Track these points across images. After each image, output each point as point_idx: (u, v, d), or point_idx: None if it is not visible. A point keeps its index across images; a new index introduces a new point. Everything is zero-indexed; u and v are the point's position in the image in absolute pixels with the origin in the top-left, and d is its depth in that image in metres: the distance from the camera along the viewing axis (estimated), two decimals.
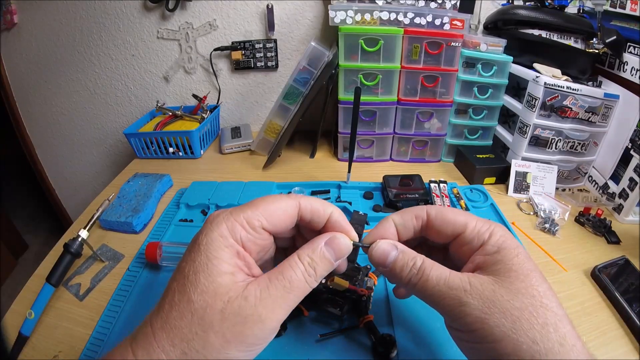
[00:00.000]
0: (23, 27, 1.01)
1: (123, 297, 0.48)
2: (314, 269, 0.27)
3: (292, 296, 0.25)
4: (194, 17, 0.96)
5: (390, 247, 0.30)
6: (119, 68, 1.05)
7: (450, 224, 0.30)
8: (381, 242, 0.30)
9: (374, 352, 0.39)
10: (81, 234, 0.52)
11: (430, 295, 0.27)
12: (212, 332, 0.23)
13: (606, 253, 0.57)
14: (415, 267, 0.28)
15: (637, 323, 0.44)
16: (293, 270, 0.26)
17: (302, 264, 0.26)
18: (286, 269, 0.26)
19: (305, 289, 0.26)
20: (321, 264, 0.27)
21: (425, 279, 0.27)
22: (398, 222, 0.32)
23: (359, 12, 0.72)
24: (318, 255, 0.27)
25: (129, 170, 0.84)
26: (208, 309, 0.23)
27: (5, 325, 0.45)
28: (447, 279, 0.27)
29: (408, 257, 0.29)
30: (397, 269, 0.29)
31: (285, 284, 0.25)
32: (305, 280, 0.26)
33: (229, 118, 1.10)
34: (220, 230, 0.26)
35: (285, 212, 0.29)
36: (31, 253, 1.72)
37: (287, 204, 0.29)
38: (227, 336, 0.23)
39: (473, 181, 0.76)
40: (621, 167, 0.68)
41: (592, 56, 0.73)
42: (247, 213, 0.27)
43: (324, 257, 0.27)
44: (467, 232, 0.29)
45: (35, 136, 1.23)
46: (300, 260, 0.27)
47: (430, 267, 0.28)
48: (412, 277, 0.28)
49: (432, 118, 0.82)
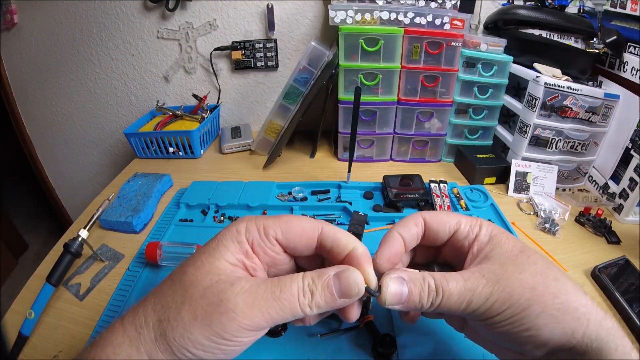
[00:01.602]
0: (23, 27, 1.01)
1: (123, 297, 0.48)
2: (310, 293, 0.25)
3: (278, 305, 0.24)
4: (194, 17, 0.96)
5: (399, 282, 0.27)
6: (119, 68, 1.05)
7: (445, 222, 0.31)
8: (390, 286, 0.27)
9: (374, 352, 0.39)
10: (81, 234, 0.52)
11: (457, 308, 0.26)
12: (188, 305, 0.23)
13: (606, 253, 0.57)
14: (432, 289, 0.27)
15: (637, 323, 0.44)
16: (290, 281, 0.25)
17: (302, 282, 0.25)
18: (285, 278, 0.25)
19: (294, 307, 0.24)
20: (321, 292, 0.25)
21: (447, 295, 0.26)
22: (404, 233, 0.31)
23: (359, 11, 0.72)
24: (322, 282, 0.25)
25: (129, 170, 0.84)
26: (195, 282, 0.24)
27: (5, 325, 0.45)
28: (465, 285, 0.26)
29: (419, 282, 0.27)
30: (415, 300, 0.27)
31: (275, 290, 0.24)
32: (298, 298, 0.24)
33: (229, 118, 1.10)
34: (238, 227, 0.27)
35: (304, 230, 0.28)
36: (31, 253, 1.72)
37: (309, 225, 0.28)
38: (198, 313, 0.23)
39: (473, 181, 0.76)
40: (621, 167, 0.68)
41: (593, 56, 0.73)
42: (267, 221, 0.28)
43: (326, 287, 0.25)
44: (461, 228, 0.31)
45: (35, 136, 1.23)
46: (302, 277, 0.25)
47: (445, 281, 0.27)
48: (433, 300, 0.27)
49: (432, 118, 0.82)
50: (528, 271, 0.26)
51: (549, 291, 0.25)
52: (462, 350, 0.39)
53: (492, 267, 0.27)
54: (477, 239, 0.30)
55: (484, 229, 0.30)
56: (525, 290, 0.25)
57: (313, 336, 0.41)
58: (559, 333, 0.24)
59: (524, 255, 0.27)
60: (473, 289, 0.26)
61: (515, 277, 0.26)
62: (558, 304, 0.25)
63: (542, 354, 0.26)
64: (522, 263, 0.27)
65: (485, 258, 0.28)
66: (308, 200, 0.68)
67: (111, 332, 0.24)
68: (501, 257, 0.28)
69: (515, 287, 0.25)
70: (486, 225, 0.30)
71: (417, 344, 0.40)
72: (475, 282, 0.26)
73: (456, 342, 0.40)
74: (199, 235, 0.58)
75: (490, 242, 0.29)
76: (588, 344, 0.24)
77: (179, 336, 0.23)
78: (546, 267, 0.27)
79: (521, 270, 0.26)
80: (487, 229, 0.30)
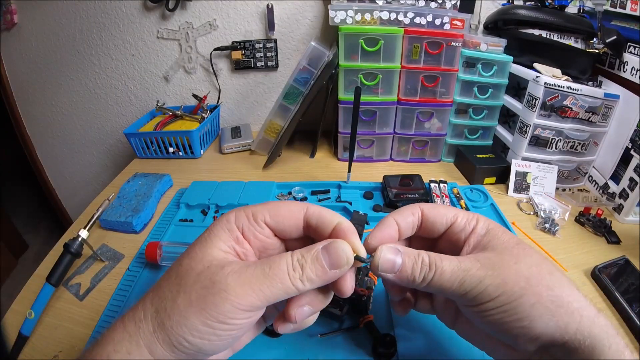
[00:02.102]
0: (23, 27, 1.01)
1: (123, 297, 0.48)
2: (301, 267, 0.25)
3: (269, 282, 0.24)
4: (194, 17, 0.96)
5: (393, 252, 0.28)
6: (119, 68, 1.05)
7: (443, 215, 0.31)
8: (383, 252, 0.28)
9: (374, 352, 0.39)
10: (81, 234, 0.52)
11: (448, 286, 0.27)
12: (183, 292, 0.24)
13: (606, 253, 0.57)
14: (425, 264, 0.27)
15: (637, 323, 0.44)
16: (279, 258, 0.25)
17: (290, 258, 0.26)
18: (274, 257, 0.26)
19: (284, 281, 0.25)
20: (312, 265, 0.26)
21: (440, 272, 0.27)
22: (399, 220, 0.31)
23: (359, 12, 0.72)
24: (311, 256, 0.26)
25: (129, 170, 0.84)
26: (189, 271, 0.25)
27: (5, 325, 0.45)
28: (459, 265, 0.27)
29: (414, 256, 0.28)
30: (408, 272, 0.28)
31: (264, 268, 0.25)
32: (288, 273, 0.25)
33: (229, 118, 1.10)
34: (227, 216, 0.28)
35: (291, 212, 0.29)
36: (31, 253, 1.72)
37: (295, 206, 0.30)
38: (192, 297, 0.23)
39: (473, 181, 0.76)
40: (621, 167, 0.68)
41: (592, 56, 0.73)
42: (255, 207, 0.29)
43: (316, 259, 0.26)
44: (458, 220, 0.31)
45: (35, 136, 1.23)
46: (291, 254, 0.26)
47: (439, 259, 0.27)
48: (425, 275, 0.27)
49: (432, 118, 0.82)
50: (524, 262, 0.27)
51: (543, 283, 0.25)
52: (462, 350, 0.39)
53: (488, 254, 0.28)
54: (474, 232, 0.30)
55: (481, 223, 0.30)
56: (520, 279, 0.25)
57: (313, 336, 0.41)
58: (553, 326, 0.24)
59: (519, 248, 0.28)
60: (466, 270, 0.26)
61: (511, 265, 0.26)
62: (552, 297, 0.25)
63: (534, 347, 0.26)
64: (518, 254, 0.27)
65: (482, 249, 0.29)
66: (308, 200, 0.68)
67: (112, 330, 0.24)
68: (497, 247, 0.28)
69: (510, 275, 0.26)
70: (483, 220, 0.31)
71: (417, 344, 0.40)
72: (470, 264, 0.27)
73: (456, 342, 0.39)
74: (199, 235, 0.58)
75: (487, 234, 0.30)
76: (581, 341, 0.24)
77: (176, 324, 0.23)
78: (541, 260, 0.27)
79: (517, 261, 0.27)
80: (484, 222, 0.30)
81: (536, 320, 0.25)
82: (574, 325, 0.24)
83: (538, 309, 0.25)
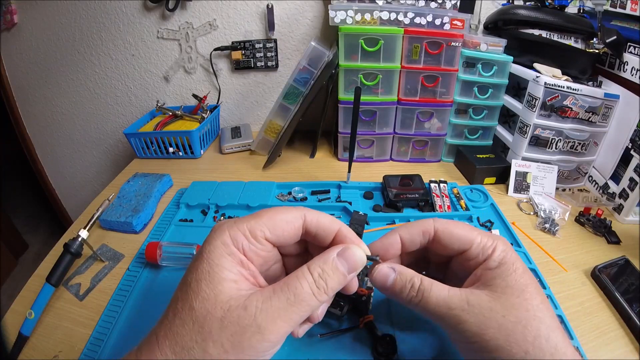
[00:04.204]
0: (23, 27, 1.01)
1: (123, 297, 0.48)
2: (325, 282, 0.25)
3: (297, 309, 0.24)
4: (194, 17, 0.96)
5: (388, 270, 0.30)
6: (119, 68, 1.05)
7: (456, 240, 0.31)
8: (380, 266, 0.30)
9: (374, 352, 0.39)
10: (81, 234, 0.52)
11: (432, 315, 0.28)
12: (211, 341, 0.23)
13: (606, 253, 0.57)
14: (414, 289, 0.29)
15: (637, 323, 0.44)
16: (299, 282, 0.25)
17: (312, 276, 0.25)
18: (292, 280, 0.25)
19: (312, 303, 0.25)
20: (334, 277, 0.26)
21: (425, 300, 0.28)
22: (405, 236, 0.32)
23: (359, 12, 0.72)
24: (330, 267, 0.26)
25: (129, 170, 0.84)
26: (208, 316, 0.23)
27: (5, 325, 0.45)
28: (446, 300, 0.28)
29: (406, 278, 0.29)
30: (397, 291, 0.29)
31: (289, 297, 0.24)
32: (313, 293, 0.25)
33: (229, 118, 1.10)
34: (222, 238, 0.26)
35: (289, 223, 0.28)
36: (31, 253, 1.72)
37: (292, 216, 0.29)
38: (226, 346, 0.23)
39: (473, 181, 0.76)
40: (621, 167, 0.68)
41: (593, 56, 0.73)
42: (250, 223, 0.27)
43: (337, 269, 0.26)
44: (473, 248, 0.30)
45: (35, 136, 1.23)
46: (310, 271, 0.25)
47: (429, 288, 0.28)
48: (412, 299, 0.29)
49: (432, 118, 0.82)
50: (514, 315, 0.26)
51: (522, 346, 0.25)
52: None
53: (483, 296, 0.27)
54: (486, 263, 0.29)
55: (496, 254, 0.29)
56: (500, 335, 0.25)
57: (313, 336, 0.41)
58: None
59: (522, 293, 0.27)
60: (451, 308, 0.27)
61: (498, 317, 0.26)
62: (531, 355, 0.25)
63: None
64: (513, 304, 0.26)
65: (483, 284, 0.28)
66: (308, 200, 0.68)
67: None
68: (499, 288, 0.27)
69: (492, 327, 0.26)
70: (500, 250, 0.29)
71: (417, 344, 0.40)
72: (456, 304, 0.27)
73: None
74: (199, 235, 0.58)
75: (497, 268, 0.29)
76: None
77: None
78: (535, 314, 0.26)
79: (507, 313, 0.26)
80: (500, 254, 0.29)
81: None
82: None
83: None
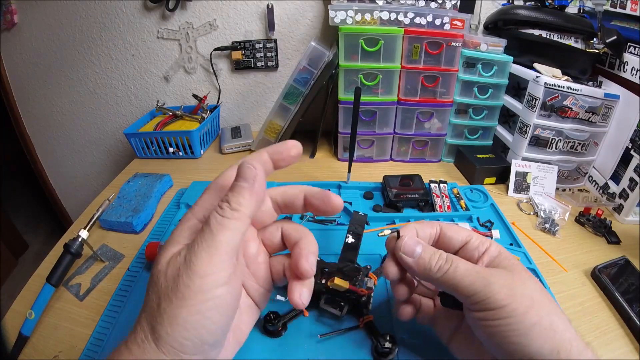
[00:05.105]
0: (23, 27, 1.01)
1: (123, 297, 0.48)
2: (228, 203, 0.25)
3: (216, 239, 0.24)
4: (194, 17, 0.96)
5: (415, 240, 0.33)
6: (119, 68, 1.05)
7: (459, 234, 0.34)
8: (407, 237, 0.33)
9: (374, 352, 0.39)
10: (81, 234, 0.52)
11: (460, 281, 0.29)
12: (163, 297, 0.24)
13: (606, 253, 0.57)
14: (442, 258, 0.31)
15: (637, 323, 0.44)
16: (210, 218, 0.25)
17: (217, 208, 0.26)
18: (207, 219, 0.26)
19: (229, 225, 0.25)
20: (236, 195, 0.26)
21: (454, 266, 0.30)
22: (418, 229, 0.35)
23: (359, 12, 0.72)
24: (232, 192, 0.26)
25: (129, 170, 0.84)
26: (158, 275, 0.25)
27: (6, 325, 0.45)
28: (474, 267, 0.30)
29: (433, 250, 0.32)
30: (426, 260, 0.31)
31: (205, 233, 0.25)
32: (223, 216, 0.25)
33: (229, 118, 1.10)
34: None
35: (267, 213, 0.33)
36: (31, 253, 1.72)
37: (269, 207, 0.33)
38: (171, 295, 0.23)
39: (473, 181, 0.76)
40: (621, 167, 0.68)
41: (593, 56, 0.73)
42: None
43: (236, 186, 0.26)
44: (473, 240, 0.34)
45: (35, 136, 1.22)
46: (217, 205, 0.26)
47: (456, 258, 0.31)
48: (441, 265, 0.30)
49: (432, 118, 0.82)
50: (529, 285, 0.29)
51: (544, 308, 0.27)
52: None
53: (501, 270, 0.30)
54: (487, 252, 0.33)
55: (494, 246, 0.33)
56: (526, 298, 0.27)
57: (313, 336, 0.41)
58: (547, 349, 0.26)
59: (526, 273, 0.30)
60: (479, 272, 0.29)
61: (520, 284, 0.28)
62: (551, 322, 0.27)
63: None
64: (525, 278, 0.29)
65: (495, 266, 0.31)
66: None
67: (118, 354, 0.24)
68: (508, 267, 0.30)
69: (518, 291, 0.28)
70: (495, 244, 0.33)
71: (417, 344, 0.40)
72: (482, 271, 0.29)
73: None
74: None
75: (499, 256, 0.32)
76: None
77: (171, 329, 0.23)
78: (542, 289, 0.30)
79: (524, 282, 0.29)
80: (497, 246, 0.33)
81: (534, 340, 0.26)
82: (565, 353, 0.26)
83: (537, 330, 0.26)
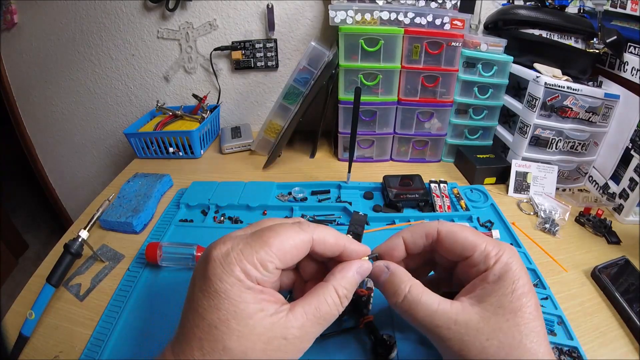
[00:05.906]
0: (23, 27, 1.01)
1: (123, 298, 0.48)
2: (346, 298, 0.29)
3: (324, 325, 0.28)
4: (194, 17, 0.96)
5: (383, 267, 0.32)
6: (119, 68, 1.05)
7: (459, 245, 0.31)
8: (377, 262, 0.33)
9: (374, 353, 0.39)
10: (81, 234, 0.52)
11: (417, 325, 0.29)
12: None
13: (606, 253, 0.57)
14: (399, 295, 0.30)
15: (637, 323, 0.44)
16: (327, 302, 0.28)
17: (337, 294, 0.28)
18: (321, 303, 0.28)
19: (336, 315, 0.29)
20: (352, 290, 0.30)
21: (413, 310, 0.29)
22: (408, 239, 0.33)
23: (359, 12, 0.72)
24: (351, 283, 0.30)
25: (129, 170, 0.84)
26: (249, 352, 0.24)
27: (6, 325, 0.45)
28: (433, 315, 0.28)
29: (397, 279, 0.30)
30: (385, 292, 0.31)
31: (318, 317, 0.27)
32: (337, 308, 0.28)
33: (229, 118, 1.10)
34: (235, 275, 0.26)
35: (299, 250, 0.29)
36: (31, 253, 1.72)
37: (300, 240, 0.29)
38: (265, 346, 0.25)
39: (473, 181, 0.76)
40: (621, 167, 0.68)
41: (593, 56, 0.73)
42: (260, 254, 0.26)
43: (355, 284, 0.30)
44: (475, 255, 0.30)
45: (35, 136, 1.23)
46: (336, 290, 0.29)
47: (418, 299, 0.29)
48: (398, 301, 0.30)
49: (433, 118, 0.82)
50: (498, 339, 0.26)
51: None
52: None
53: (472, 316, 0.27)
54: (486, 275, 0.29)
55: (498, 266, 0.28)
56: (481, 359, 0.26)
57: None
58: None
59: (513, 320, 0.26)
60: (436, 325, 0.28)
61: (482, 341, 0.26)
62: None
63: None
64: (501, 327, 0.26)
65: (478, 299, 0.28)
66: (308, 201, 0.68)
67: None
68: (492, 305, 0.27)
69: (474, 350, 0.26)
70: (502, 263, 0.28)
71: (417, 345, 0.40)
72: (442, 321, 0.28)
73: None
74: (199, 235, 0.59)
75: (497, 282, 0.28)
76: None
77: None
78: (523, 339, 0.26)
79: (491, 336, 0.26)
80: (501, 267, 0.28)
81: None
82: None
83: None
